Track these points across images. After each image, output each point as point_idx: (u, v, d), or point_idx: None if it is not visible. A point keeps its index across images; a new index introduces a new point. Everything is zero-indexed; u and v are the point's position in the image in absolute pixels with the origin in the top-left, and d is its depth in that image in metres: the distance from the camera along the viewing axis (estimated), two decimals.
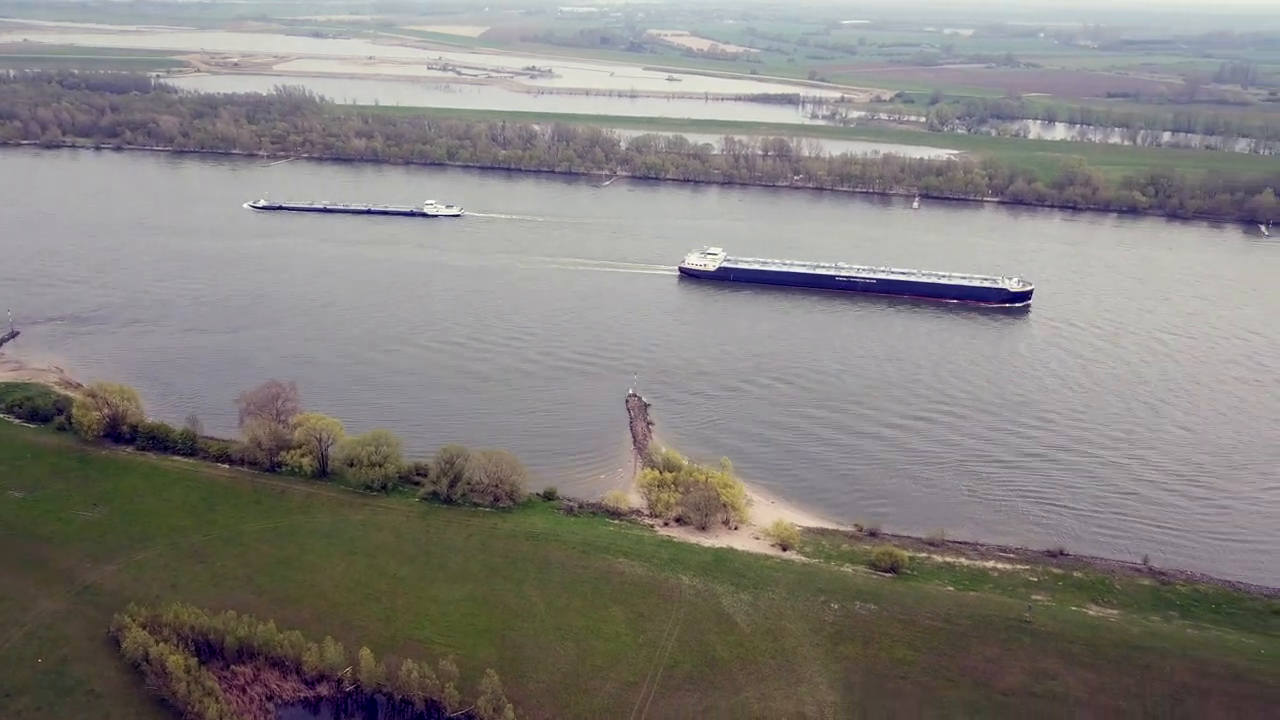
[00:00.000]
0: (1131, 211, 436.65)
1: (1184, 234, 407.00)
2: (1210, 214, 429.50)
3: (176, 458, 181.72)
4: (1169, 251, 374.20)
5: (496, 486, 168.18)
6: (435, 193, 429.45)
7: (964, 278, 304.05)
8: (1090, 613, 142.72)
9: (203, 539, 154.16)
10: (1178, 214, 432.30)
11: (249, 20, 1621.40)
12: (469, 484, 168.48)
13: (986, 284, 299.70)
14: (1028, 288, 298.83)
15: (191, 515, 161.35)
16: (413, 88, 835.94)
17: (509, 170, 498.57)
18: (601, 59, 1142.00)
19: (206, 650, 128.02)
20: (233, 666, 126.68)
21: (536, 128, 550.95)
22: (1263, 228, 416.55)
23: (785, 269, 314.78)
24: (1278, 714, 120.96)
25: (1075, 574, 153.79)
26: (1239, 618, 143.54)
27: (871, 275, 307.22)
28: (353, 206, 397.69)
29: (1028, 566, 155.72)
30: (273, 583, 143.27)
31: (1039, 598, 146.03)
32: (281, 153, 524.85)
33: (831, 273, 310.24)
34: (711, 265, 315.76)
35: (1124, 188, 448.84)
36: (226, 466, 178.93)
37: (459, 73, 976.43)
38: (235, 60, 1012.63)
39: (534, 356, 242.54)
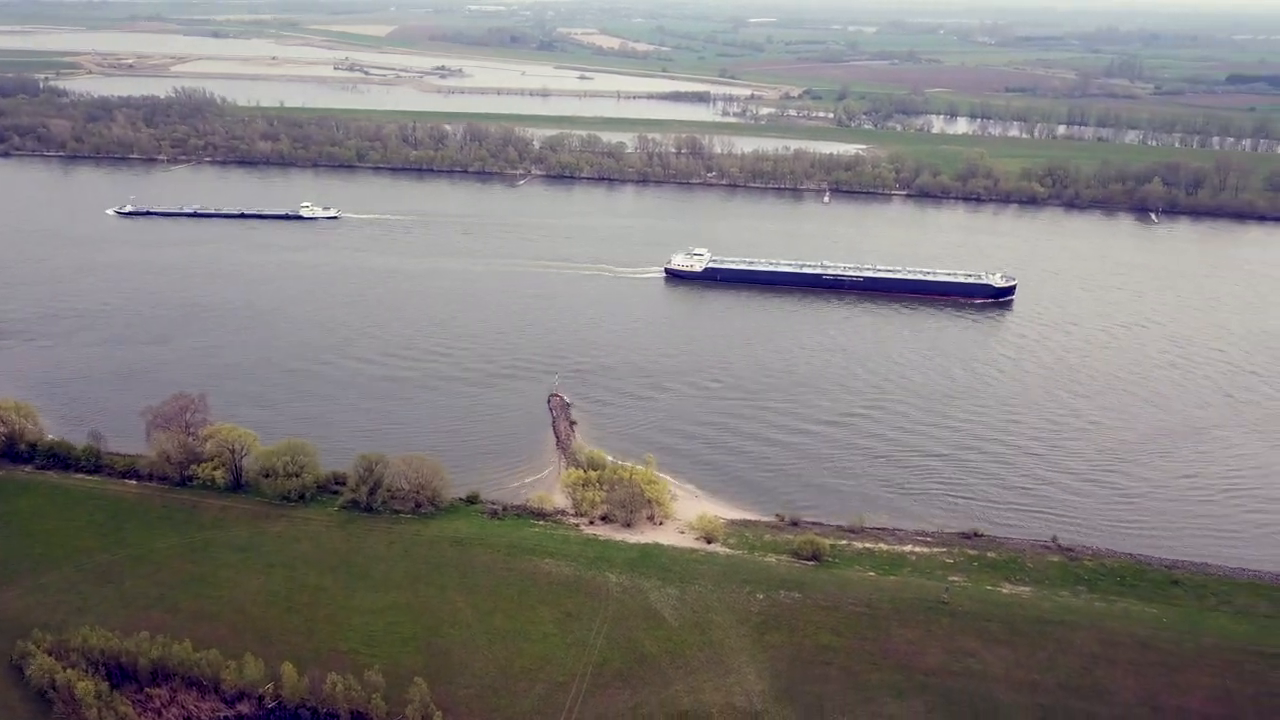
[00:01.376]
0: (1031, 202, 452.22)
1: (1081, 222, 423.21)
2: (1104, 203, 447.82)
3: (80, 475, 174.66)
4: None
5: (418, 492, 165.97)
6: (344, 196, 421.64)
7: (949, 275, 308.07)
8: (1004, 591, 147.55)
9: (110, 558, 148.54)
10: (1074, 204, 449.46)
11: (143, 20, 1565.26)
12: (389, 491, 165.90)
13: (971, 280, 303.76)
14: (1011, 283, 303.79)
15: (98, 534, 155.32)
16: (319, 88, 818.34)
17: (421, 171, 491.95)
18: (512, 58, 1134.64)
19: (119, 674, 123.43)
20: (147, 689, 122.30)
21: (448, 128, 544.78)
22: (1153, 215, 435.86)
23: (772, 269, 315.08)
24: (1179, 679, 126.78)
25: (989, 554, 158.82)
26: (1142, 589, 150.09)
27: (859, 274, 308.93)
28: (225, 210, 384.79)
29: (944, 549, 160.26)
30: (187, 600, 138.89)
31: (956, 579, 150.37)
32: (183, 156, 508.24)
33: (819, 271, 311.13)
34: (698, 266, 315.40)
35: (1023, 179, 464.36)
36: (134, 483, 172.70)
37: (367, 73, 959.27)
38: (130, 61, 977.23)
39: (452, 360, 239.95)
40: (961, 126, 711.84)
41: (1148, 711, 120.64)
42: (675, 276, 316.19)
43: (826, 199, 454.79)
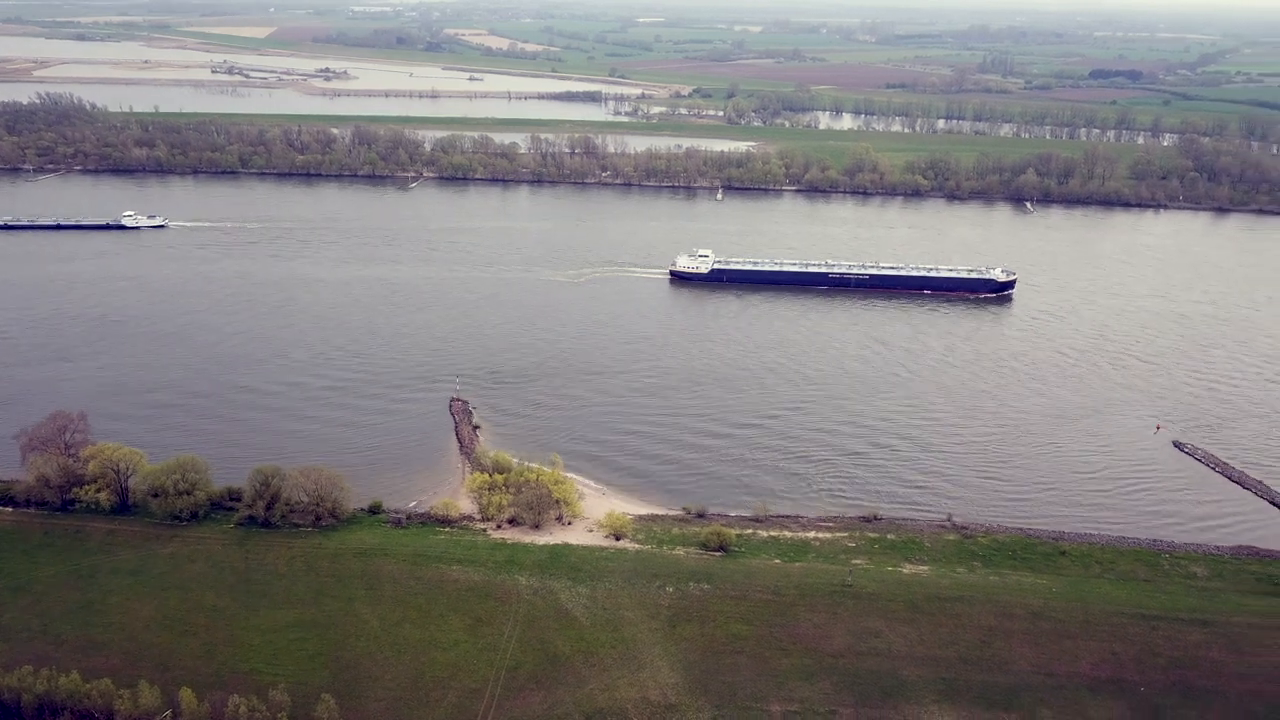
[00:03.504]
0: (915, 194, 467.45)
1: (963, 212, 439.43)
2: (983, 194, 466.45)
3: None
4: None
5: (318, 505, 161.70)
6: (226, 202, 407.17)
7: (951, 270, 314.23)
8: (905, 571, 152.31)
9: None
10: (955, 195, 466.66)
11: (0, 22, 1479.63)
12: (288, 504, 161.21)
13: (974, 275, 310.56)
14: (1011, 278, 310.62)
15: None
16: (197, 93, 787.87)
17: (308, 176, 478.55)
18: (399, 59, 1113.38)
19: (2, 712, 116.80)
20: None
21: (335, 131, 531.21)
22: (1028, 204, 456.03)
23: (777, 269, 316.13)
24: (1070, 645, 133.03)
25: (889, 536, 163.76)
26: (1032, 561, 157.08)
27: (864, 271, 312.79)
28: (40, 221, 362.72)
29: (846, 534, 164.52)
30: (74, 630, 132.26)
31: (858, 562, 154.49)
32: (51, 165, 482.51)
33: (824, 270, 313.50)
34: (704, 267, 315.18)
35: (907, 172, 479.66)
36: (10, 509, 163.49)
37: (247, 76, 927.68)
38: None
39: (348, 369, 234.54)
40: (847, 122, 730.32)
41: (1042, 678, 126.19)
42: (680, 279, 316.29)
43: (720, 196, 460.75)
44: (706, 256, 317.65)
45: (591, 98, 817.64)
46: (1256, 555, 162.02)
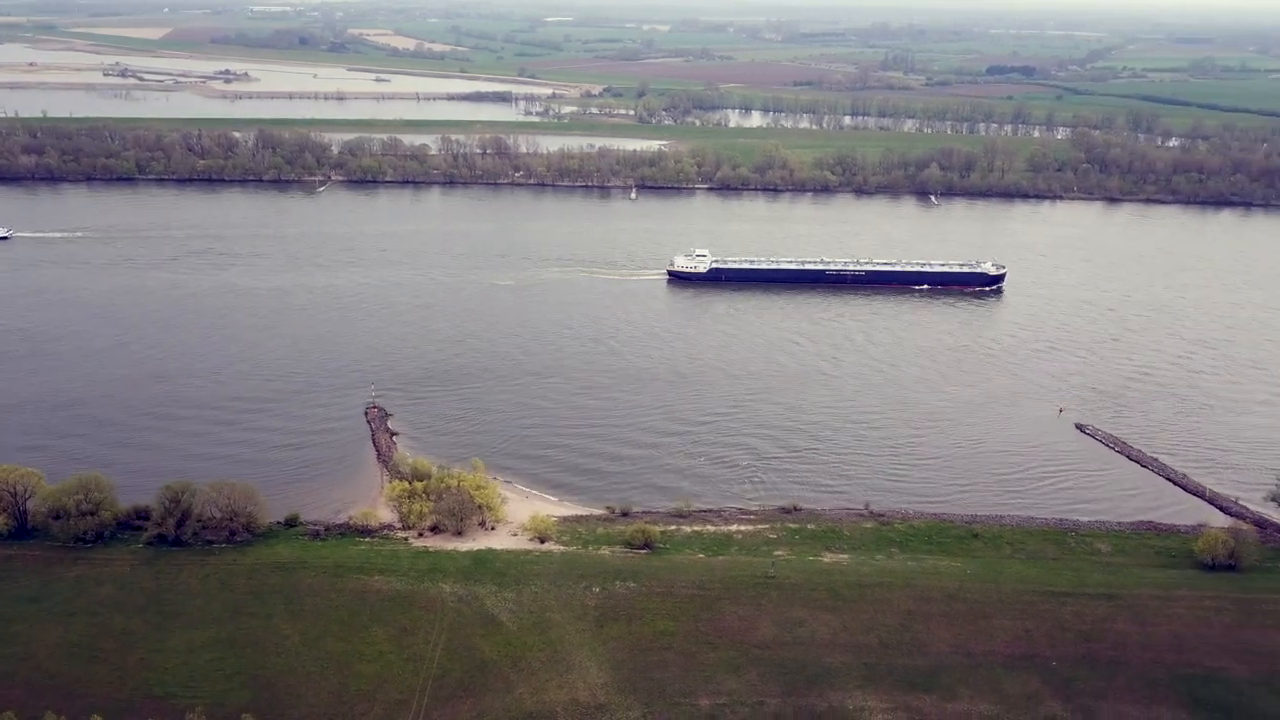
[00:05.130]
0: (824, 190, 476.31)
1: (870, 207, 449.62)
2: (889, 188, 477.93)
3: None
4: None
5: (231, 520, 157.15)
6: (122, 209, 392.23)
7: (943, 265, 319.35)
8: (825, 560, 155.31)
9: None
10: (863, 190, 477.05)
11: None
12: (199, 521, 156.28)
13: (966, 269, 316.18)
14: (1002, 271, 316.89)
15: None
16: (89, 96, 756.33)
17: (211, 181, 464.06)
18: (302, 60, 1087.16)
19: None
20: None
21: (237, 135, 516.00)
22: (932, 197, 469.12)
23: (776, 266, 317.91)
24: (985, 625, 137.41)
25: (809, 526, 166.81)
26: (947, 545, 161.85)
27: (860, 268, 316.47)
28: None
29: (767, 525, 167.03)
30: None
31: (780, 553, 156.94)
32: None
33: (822, 267, 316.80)
34: (702, 267, 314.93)
35: (816, 169, 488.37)
36: None
37: (142, 79, 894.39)
38: None
39: (257, 379, 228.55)
40: (756, 120, 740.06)
41: (960, 658, 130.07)
42: (679, 278, 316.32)
43: (633, 195, 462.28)
44: (704, 256, 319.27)
45: (502, 98, 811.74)
46: (1155, 530, 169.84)
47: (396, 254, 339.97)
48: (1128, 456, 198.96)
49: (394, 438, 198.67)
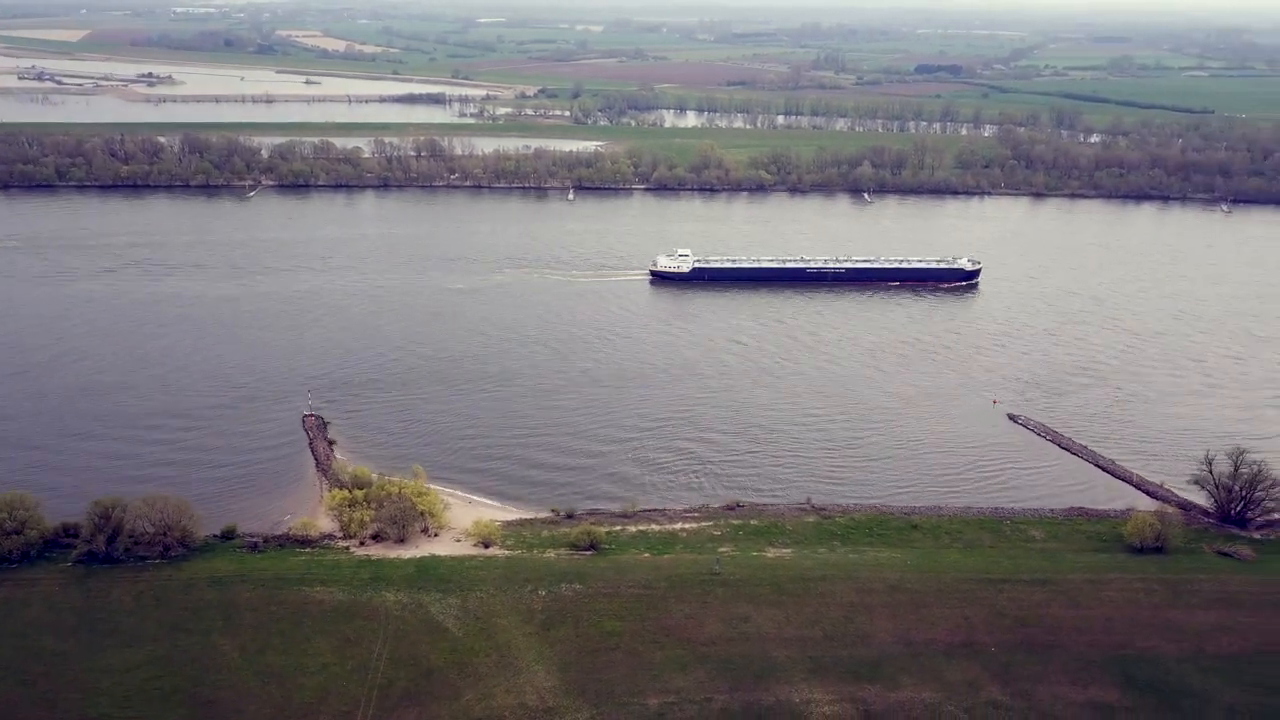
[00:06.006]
0: (760, 189, 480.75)
1: (806, 205, 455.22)
2: (823, 187, 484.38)
3: None
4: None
5: (165, 534, 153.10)
6: (44, 218, 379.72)
7: (921, 261, 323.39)
8: (769, 555, 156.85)
9: None
10: (798, 188, 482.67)
11: None
12: (131, 536, 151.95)
13: (943, 266, 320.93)
14: (977, 266, 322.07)
15: None
16: (3, 101, 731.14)
17: (135, 187, 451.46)
18: (228, 63, 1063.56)
19: None
20: None
21: (162, 139, 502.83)
22: (865, 195, 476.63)
23: (758, 265, 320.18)
24: (926, 614, 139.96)
25: (752, 522, 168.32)
26: (887, 536, 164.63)
27: (841, 265, 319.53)
28: None
29: (711, 523, 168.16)
30: None
31: (725, 549, 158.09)
32: None
33: (803, 266, 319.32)
34: (684, 267, 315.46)
35: (751, 168, 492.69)
36: None
37: (59, 82, 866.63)
38: None
39: (191, 391, 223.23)
40: (691, 120, 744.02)
41: (902, 648, 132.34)
42: (661, 278, 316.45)
43: (571, 196, 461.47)
44: (687, 256, 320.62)
45: (435, 99, 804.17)
46: (1086, 516, 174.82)
47: (342, 259, 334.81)
48: (1058, 445, 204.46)
49: (333, 446, 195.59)
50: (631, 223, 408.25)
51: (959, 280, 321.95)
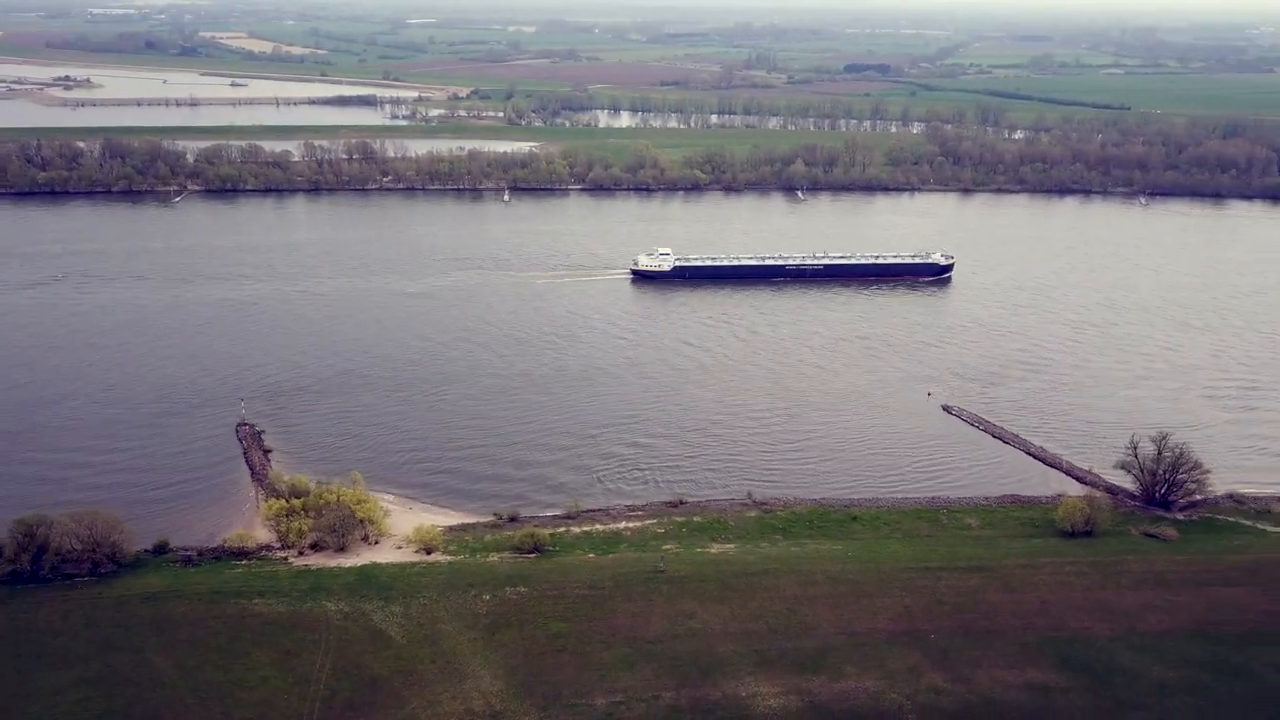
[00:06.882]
0: (695, 188, 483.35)
1: (741, 204, 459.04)
2: (757, 185, 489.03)
3: None
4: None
5: (94, 551, 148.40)
6: None
7: (896, 257, 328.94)
8: (713, 551, 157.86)
9: None
10: (732, 187, 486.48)
11: None
12: (58, 554, 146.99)
13: (918, 260, 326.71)
14: (950, 261, 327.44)
15: None
16: None
17: (54, 194, 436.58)
18: (150, 66, 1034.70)
19: None
20: None
21: (81, 144, 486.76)
22: (799, 192, 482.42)
23: (738, 263, 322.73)
24: (867, 604, 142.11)
25: (695, 519, 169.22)
26: (827, 529, 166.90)
27: (819, 262, 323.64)
28: None
29: (655, 520, 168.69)
30: None
31: (669, 547, 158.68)
32: None
33: (781, 263, 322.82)
34: (665, 265, 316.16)
35: (686, 167, 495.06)
36: None
37: None
38: None
39: (117, 402, 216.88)
40: (625, 120, 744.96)
41: (845, 638, 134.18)
42: (642, 277, 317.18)
43: (506, 198, 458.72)
44: (668, 254, 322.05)
45: (366, 102, 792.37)
46: (1019, 502, 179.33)
47: (282, 265, 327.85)
48: (990, 434, 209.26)
49: (269, 455, 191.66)
50: (577, 224, 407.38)
51: (933, 274, 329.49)
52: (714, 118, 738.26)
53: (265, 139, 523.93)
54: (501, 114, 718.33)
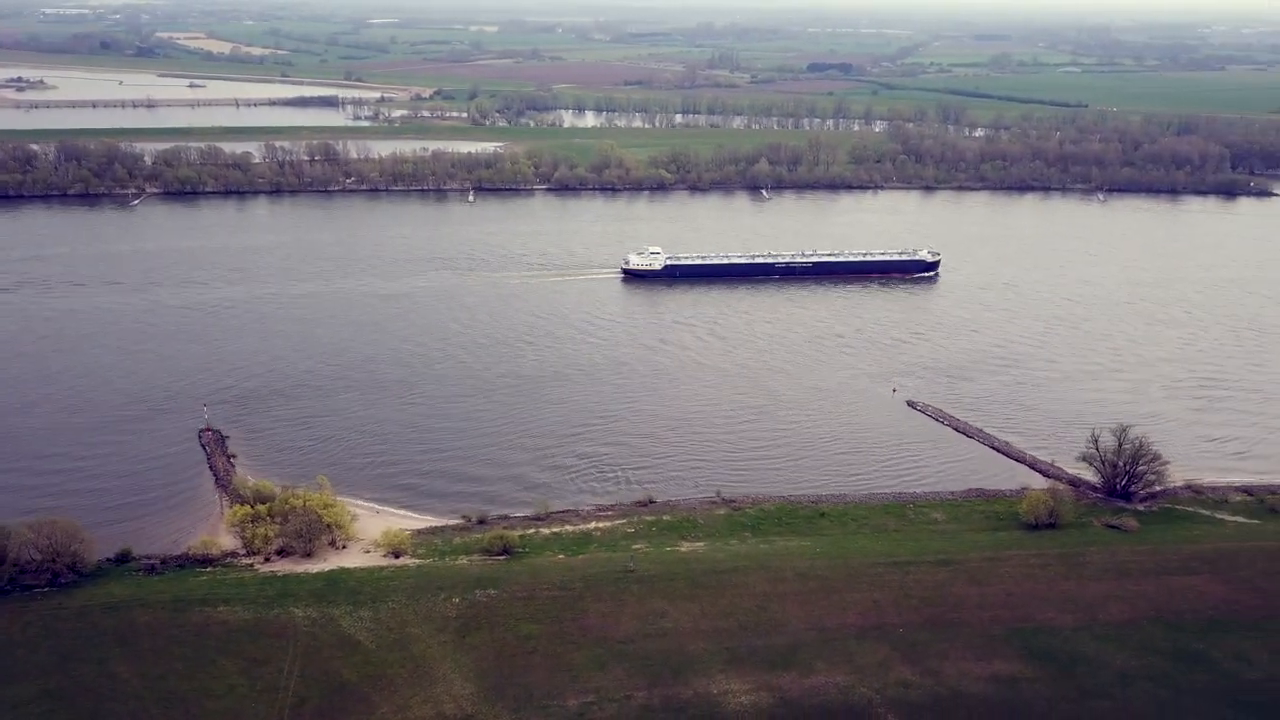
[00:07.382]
0: (660, 188, 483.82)
1: (706, 203, 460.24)
2: (722, 184, 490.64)
3: None
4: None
5: (54, 561, 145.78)
6: None
7: (883, 253, 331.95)
8: (682, 549, 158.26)
9: None
10: (697, 186, 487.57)
11: None
12: (16, 565, 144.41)
13: (905, 257, 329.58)
14: (937, 257, 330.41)
15: None
16: None
17: (8, 197, 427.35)
18: (106, 67, 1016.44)
19: None
20: None
21: (35, 147, 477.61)
22: (763, 191, 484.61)
23: (729, 262, 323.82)
24: (837, 599, 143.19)
25: (665, 518, 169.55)
26: (796, 525, 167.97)
27: (808, 260, 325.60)
28: None
29: (624, 520, 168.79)
30: None
31: (639, 546, 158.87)
32: None
33: (771, 261, 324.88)
34: (656, 264, 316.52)
35: (651, 167, 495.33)
36: None
37: None
38: None
39: (76, 409, 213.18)
40: (589, 120, 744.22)
41: (815, 634, 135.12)
42: (634, 276, 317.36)
43: (471, 198, 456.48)
44: (659, 253, 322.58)
45: (328, 102, 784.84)
46: (984, 496, 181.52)
47: (247, 268, 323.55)
48: (955, 429, 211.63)
49: (233, 460, 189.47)
50: (548, 224, 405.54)
51: (920, 271, 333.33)
52: (678, 117, 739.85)
53: (225, 140, 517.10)
54: (465, 114, 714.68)
